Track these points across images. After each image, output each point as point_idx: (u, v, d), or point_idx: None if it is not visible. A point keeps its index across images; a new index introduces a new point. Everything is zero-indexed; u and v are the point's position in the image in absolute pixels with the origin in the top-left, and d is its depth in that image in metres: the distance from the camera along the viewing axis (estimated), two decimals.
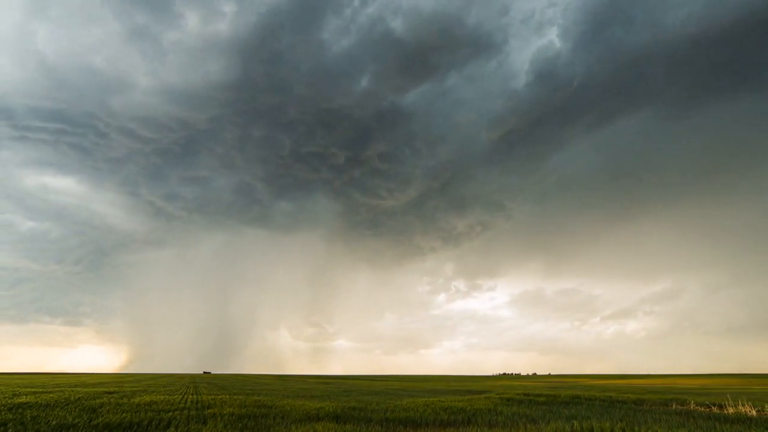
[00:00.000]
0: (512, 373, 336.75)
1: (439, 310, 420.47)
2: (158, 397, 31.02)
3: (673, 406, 28.27)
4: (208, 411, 22.00)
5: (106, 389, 41.68)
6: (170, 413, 20.97)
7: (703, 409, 26.47)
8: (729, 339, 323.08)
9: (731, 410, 25.04)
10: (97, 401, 26.79)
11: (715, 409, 25.90)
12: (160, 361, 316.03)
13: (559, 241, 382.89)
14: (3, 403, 25.37)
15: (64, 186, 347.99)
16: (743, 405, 25.83)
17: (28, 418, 18.69)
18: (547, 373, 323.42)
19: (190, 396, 33.32)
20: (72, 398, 29.28)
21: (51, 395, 31.81)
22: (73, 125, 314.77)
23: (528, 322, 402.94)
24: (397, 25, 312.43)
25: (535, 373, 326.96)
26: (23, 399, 28.22)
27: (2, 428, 16.44)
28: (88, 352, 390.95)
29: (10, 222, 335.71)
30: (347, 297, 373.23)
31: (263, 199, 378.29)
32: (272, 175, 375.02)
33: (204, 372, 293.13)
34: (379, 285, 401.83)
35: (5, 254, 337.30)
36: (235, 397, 31.77)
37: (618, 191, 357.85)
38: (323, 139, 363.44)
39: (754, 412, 24.13)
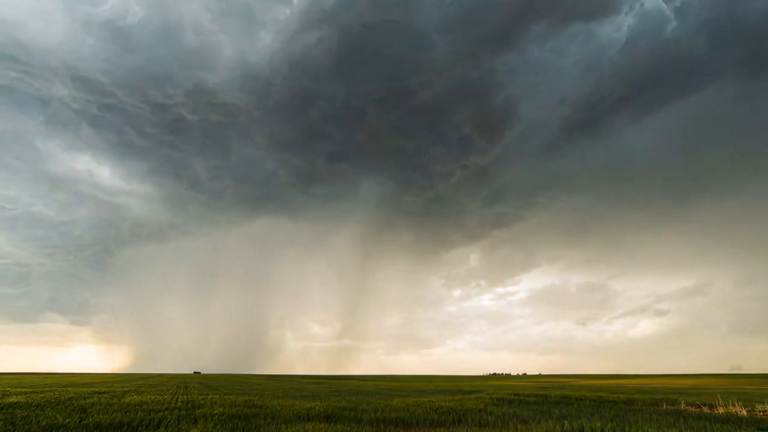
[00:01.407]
0: (502, 373, 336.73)
1: (454, 307, 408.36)
2: (149, 397, 31.09)
3: (664, 406, 28.51)
4: (199, 411, 22.16)
5: (97, 389, 41.58)
6: (161, 413, 21.15)
7: (693, 409, 26.64)
8: (746, 337, 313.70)
9: (722, 410, 25.19)
10: (88, 401, 26.93)
11: (705, 409, 26.08)
12: (170, 361, 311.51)
13: (600, 233, 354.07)
14: None
15: (98, 175, 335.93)
16: (734, 405, 25.96)
17: (19, 418, 18.85)
18: (537, 373, 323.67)
19: (181, 396, 33.35)
20: (62, 398, 29.30)
21: (41, 395, 31.84)
22: (125, 111, 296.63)
23: (539, 320, 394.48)
24: None
25: (525, 373, 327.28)
26: (14, 399, 28.15)
27: None
28: (96, 352, 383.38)
29: (39, 216, 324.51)
30: (364, 295, 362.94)
31: (291, 191, 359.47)
32: (308, 166, 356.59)
33: (195, 372, 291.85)
34: (398, 282, 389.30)
35: (26, 250, 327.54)
36: (225, 397, 31.84)
37: (674, 178, 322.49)
38: (371, 126, 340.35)
39: (744, 412, 24.32)
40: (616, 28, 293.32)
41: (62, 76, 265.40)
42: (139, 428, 17.10)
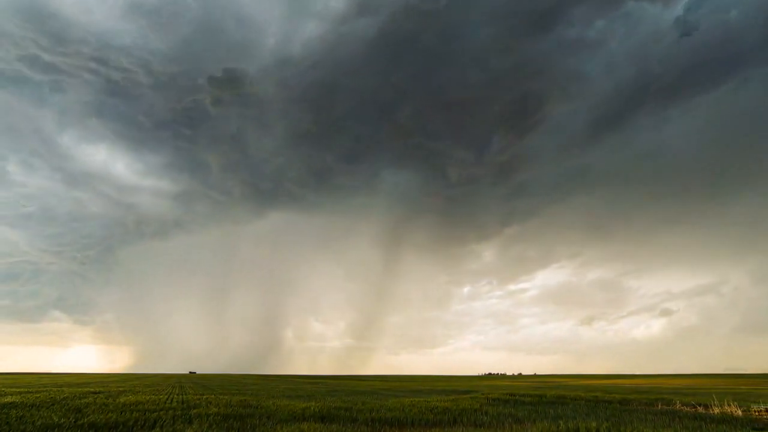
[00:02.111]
0: (497, 373, 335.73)
1: (461, 306, 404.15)
2: (144, 397, 31.10)
3: (659, 406, 28.56)
4: (194, 411, 22.23)
5: (92, 389, 41.42)
6: (156, 413, 21.23)
7: (688, 409, 26.67)
8: (751, 337, 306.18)
9: (717, 410, 25.24)
10: (83, 401, 26.97)
11: (700, 409, 26.12)
12: (175, 361, 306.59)
13: (626, 228, 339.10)
14: None
15: (114, 171, 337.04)
16: (729, 405, 26.00)
17: (14, 419, 18.86)
18: (533, 373, 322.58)
19: (176, 396, 33.29)
20: (58, 398, 29.23)
21: (36, 395, 31.62)
22: (148, 100, 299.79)
23: (544, 320, 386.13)
24: None
25: (520, 373, 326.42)
26: (9, 399, 28.09)
27: None
28: (100, 353, 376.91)
29: (52, 213, 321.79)
30: (380, 294, 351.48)
31: (301, 189, 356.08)
32: (325, 160, 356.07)
33: (190, 372, 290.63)
34: (414, 281, 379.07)
35: (37, 247, 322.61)
36: (220, 397, 31.87)
37: (704, 172, 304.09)
38: (400, 120, 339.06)
39: (739, 412, 24.39)
40: (671, 10, 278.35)
41: (87, 60, 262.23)
42: (135, 428, 17.14)
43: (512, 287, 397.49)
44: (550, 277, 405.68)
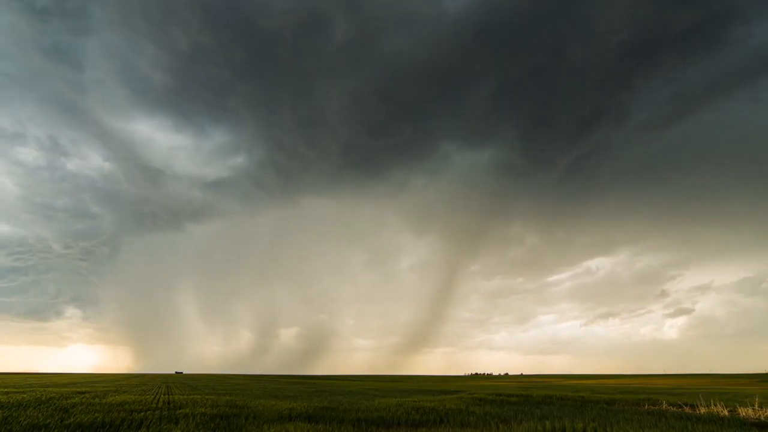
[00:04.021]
0: (484, 373, 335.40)
1: (479, 303, 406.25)
2: (130, 397, 31.09)
3: (645, 406, 28.72)
4: (180, 411, 22.32)
5: (78, 389, 41.08)
6: (142, 413, 21.39)
7: (675, 409, 26.79)
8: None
9: (703, 410, 25.34)
10: (69, 401, 26.86)
11: (687, 409, 26.22)
12: (186, 361, 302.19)
13: (693, 218, 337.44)
14: None
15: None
16: (715, 405, 26.11)
17: (0, 418, 18.36)
18: (519, 373, 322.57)
19: (162, 396, 33.16)
20: (44, 398, 29.17)
21: (23, 395, 31.51)
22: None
23: (560, 319, 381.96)
24: None
25: (507, 373, 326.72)
26: None
27: None
28: (113, 353, 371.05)
29: (82, 207, 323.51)
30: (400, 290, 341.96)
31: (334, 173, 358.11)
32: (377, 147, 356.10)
33: (176, 372, 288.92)
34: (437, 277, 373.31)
35: (61, 243, 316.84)
36: (207, 397, 31.96)
37: None
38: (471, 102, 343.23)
39: (726, 412, 24.51)
40: None
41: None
42: (121, 428, 17.30)
43: (544, 279, 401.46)
44: (595, 266, 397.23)
